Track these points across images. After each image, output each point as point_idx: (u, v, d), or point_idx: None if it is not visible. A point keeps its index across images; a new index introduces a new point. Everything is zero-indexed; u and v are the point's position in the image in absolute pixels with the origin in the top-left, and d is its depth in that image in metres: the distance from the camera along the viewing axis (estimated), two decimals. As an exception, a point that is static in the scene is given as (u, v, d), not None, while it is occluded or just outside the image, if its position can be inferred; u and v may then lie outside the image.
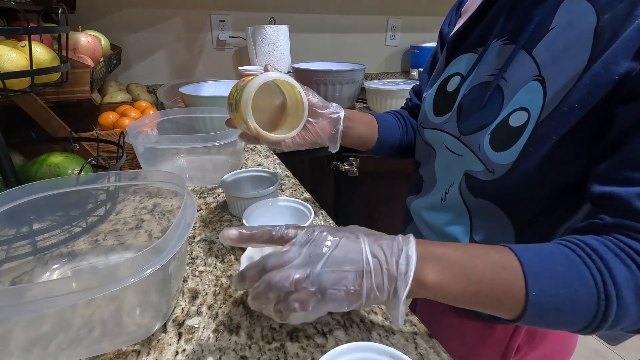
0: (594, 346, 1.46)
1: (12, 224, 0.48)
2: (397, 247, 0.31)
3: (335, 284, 0.30)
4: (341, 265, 0.30)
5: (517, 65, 0.41)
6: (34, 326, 0.37)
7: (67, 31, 0.61)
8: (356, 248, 0.31)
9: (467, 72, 0.49)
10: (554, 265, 0.31)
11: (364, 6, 1.69)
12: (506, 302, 0.31)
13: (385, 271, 0.30)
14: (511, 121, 0.40)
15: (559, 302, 0.30)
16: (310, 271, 0.30)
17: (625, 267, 0.29)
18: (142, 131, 0.76)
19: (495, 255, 0.32)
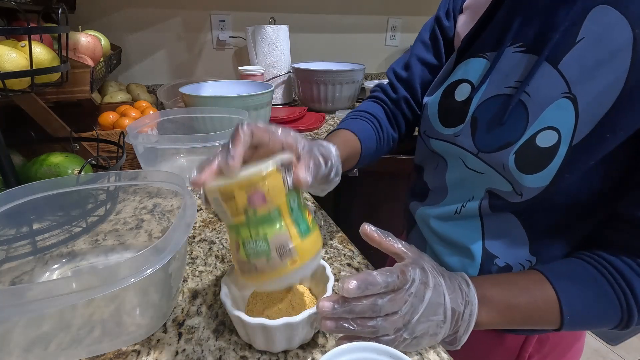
0: (594, 346, 1.46)
1: (12, 224, 0.48)
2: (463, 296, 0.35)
3: (423, 332, 0.33)
4: (430, 316, 0.33)
5: (542, 79, 0.38)
6: (34, 326, 0.37)
7: (67, 31, 0.61)
8: (439, 300, 0.34)
9: (479, 81, 0.44)
10: (584, 291, 0.36)
11: (364, 6, 1.69)
12: (545, 325, 0.37)
13: (456, 320, 0.35)
14: (539, 141, 0.37)
15: (588, 320, 0.37)
16: (409, 321, 0.33)
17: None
18: (142, 131, 0.76)
19: (535, 290, 0.37)
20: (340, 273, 0.51)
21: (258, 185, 0.30)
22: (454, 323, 0.34)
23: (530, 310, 0.36)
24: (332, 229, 0.62)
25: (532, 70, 0.38)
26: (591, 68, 0.34)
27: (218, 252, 0.55)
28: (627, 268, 0.35)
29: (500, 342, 0.52)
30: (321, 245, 0.35)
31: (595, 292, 0.36)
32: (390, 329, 0.32)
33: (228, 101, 0.91)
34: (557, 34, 0.37)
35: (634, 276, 0.35)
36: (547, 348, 0.51)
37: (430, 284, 0.34)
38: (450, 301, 0.34)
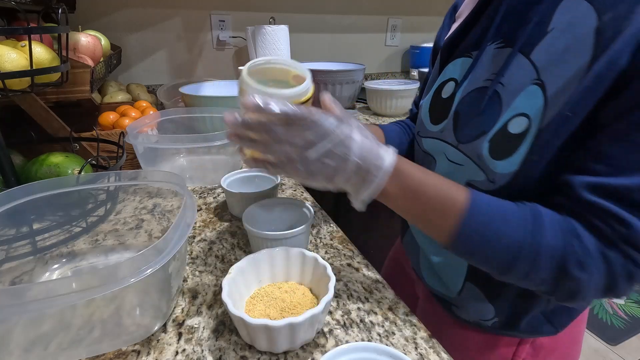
0: (594, 346, 1.46)
1: (12, 224, 0.48)
2: (375, 158, 0.36)
3: (318, 171, 0.36)
4: (325, 159, 0.35)
5: (515, 69, 0.39)
6: (34, 326, 0.37)
7: (67, 31, 0.61)
8: (342, 150, 0.35)
9: (462, 78, 0.46)
10: (499, 209, 0.36)
11: (364, 6, 1.69)
12: (446, 212, 0.36)
13: (361, 178, 0.36)
14: (510, 128, 0.38)
15: (489, 229, 0.35)
16: (305, 156, 0.35)
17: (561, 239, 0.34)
18: (142, 131, 0.76)
19: (449, 182, 0.38)
20: (340, 273, 0.51)
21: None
22: (358, 178, 0.36)
23: (437, 191, 0.37)
24: (332, 228, 0.62)
25: (507, 62, 0.40)
26: (559, 55, 0.36)
27: (218, 252, 0.55)
28: (547, 212, 0.36)
29: (493, 347, 0.52)
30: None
31: (510, 214, 0.36)
32: (282, 155, 0.36)
33: (228, 101, 0.91)
34: (530, 27, 0.39)
35: (545, 210, 0.35)
36: (542, 355, 0.51)
37: (338, 132, 0.35)
38: (356, 156, 0.35)
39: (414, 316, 0.44)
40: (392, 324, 0.43)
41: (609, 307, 1.65)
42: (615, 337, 1.50)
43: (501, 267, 0.36)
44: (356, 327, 0.42)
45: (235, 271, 0.41)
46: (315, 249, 0.56)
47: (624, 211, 0.32)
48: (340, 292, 0.48)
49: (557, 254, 0.34)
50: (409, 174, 0.37)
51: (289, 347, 0.38)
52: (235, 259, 0.54)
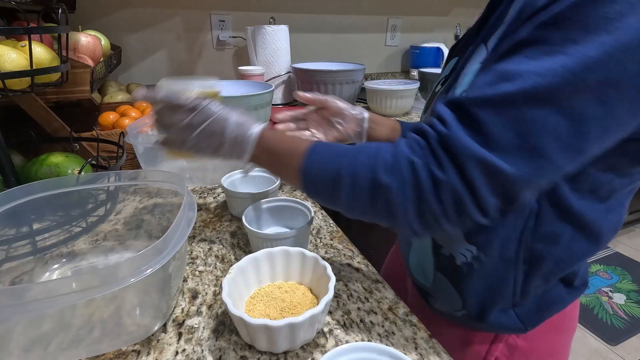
0: (594, 346, 1.46)
1: (12, 224, 0.48)
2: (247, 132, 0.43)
3: (204, 147, 0.44)
4: (207, 138, 0.43)
5: (476, 57, 0.42)
6: (34, 326, 0.37)
7: (67, 31, 0.61)
8: (217, 129, 0.43)
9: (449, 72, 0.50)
10: (337, 148, 0.39)
11: (364, 6, 1.69)
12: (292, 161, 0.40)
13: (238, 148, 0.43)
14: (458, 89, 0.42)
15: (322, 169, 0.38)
16: (189, 136, 0.43)
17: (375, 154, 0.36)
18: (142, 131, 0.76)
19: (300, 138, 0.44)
20: (340, 273, 0.51)
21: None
22: (236, 148, 0.43)
23: (285, 144, 0.42)
24: (332, 229, 0.62)
25: (472, 52, 0.43)
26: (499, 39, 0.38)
27: (218, 252, 0.55)
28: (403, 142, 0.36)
29: (469, 343, 0.52)
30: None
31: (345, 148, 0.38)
32: (173, 137, 0.45)
33: (228, 101, 0.90)
34: (491, 22, 0.42)
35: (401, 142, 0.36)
36: (516, 356, 0.50)
37: (215, 117, 0.44)
38: (232, 131, 0.43)
39: (414, 316, 0.44)
40: (392, 324, 0.43)
41: (609, 307, 1.65)
42: (615, 337, 1.50)
43: (335, 199, 0.38)
44: (356, 327, 0.42)
45: (235, 271, 0.42)
46: (315, 249, 0.56)
47: (451, 115, 0.33)
48: (340, 292, 0.48)
49: (369, 166, 0.35)
50: (268, 138, 0.43)
51: (289, 347, 0.38)
52: (235, 259, 0.54)
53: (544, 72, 0.30)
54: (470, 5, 1.89)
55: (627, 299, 1.71)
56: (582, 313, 1.61)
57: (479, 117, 0.31)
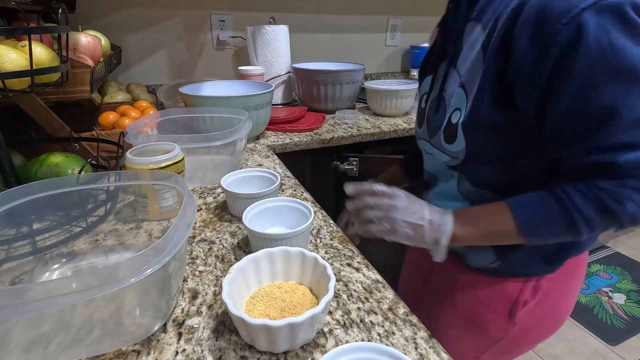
0: (594, 346, 1.46)
1: (12, 224, 0.48)
2: (439, 215, 0.50)
3: (400, 228, 0.50)
4: (406, 217, 0.49)
5: (451, 79, 0.54)
6: (34, 326, 0.37)
7: (67, 31, 0.61)
8: (415, 209, 0.50)
9: (429, 90, 0.61)
10: (534, 206, 0.46)
11: (364, 6, 1.69)
12: (505, 230, 0.47)
13: (435, 229, 0.49)
14: (452, 119, 0.53)
15: (540, 225, 0.46)
16: (389, 215, 0.50)
17: (585, 197, 0.42)
18: (142, 131, 0.76)
19: (492, 206, 0.49)
20: (340, 273, 0.51)
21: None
22: (431, 230, 0.49)
23: (489, 225, 0.49)
24: (332, 229, 0.62)
25: (446, 75, 0.56)
26: (469, 65, 0.50)
27: (218, 252, 0.55)
28: (568, 186, 0.44)
29: (501, 289, 0.60)
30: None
31: (543, 204, 0.45)
32: (374, 217, 0.51)
33: (228, 101, 0.91)
34: (453, 45, 0.54)
35: (575, 191, 0.43)
36: (540, 295, 0.59)
37: (412, 200, 0.51)
38: (428, 214, 0.50)
39: (414, 316, 0.44)
40: (392, 324, 0.43)
41: (609, 307, 1.65)
42: (615, 337, 1.50)
43: (571, 238, 0.46)
44: (356, 327, 0.42)
45: (235, 271, 0.42)
46: (315, 249, 0.56)
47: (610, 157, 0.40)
48: (340, 292, 0.48)
49: (596, 207, 0.42)
50: (465, 226, 0.50)
51: (289, 347, 0.38)
52: (235, 259, 0.54)
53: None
54: (470, 5, 1.89)
55: (627, 299, 1.71)
56: (582, 313, 1.61)
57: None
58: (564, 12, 0.38)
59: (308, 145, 1.07)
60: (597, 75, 0.38)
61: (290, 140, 1.06)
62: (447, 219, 0.49)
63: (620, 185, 0.40)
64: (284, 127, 1.13)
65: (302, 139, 1.06)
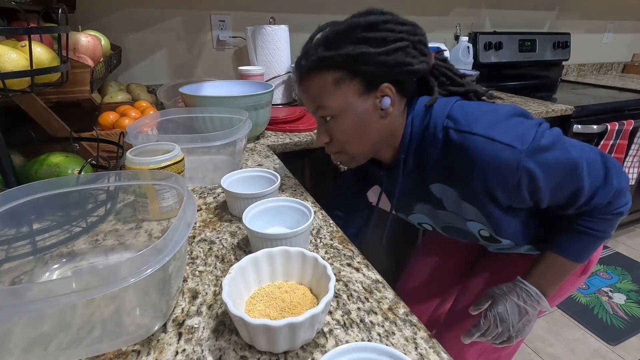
0: (594, 346, 1.46)
1: (12, 224, 0.48)
2: (526, 293, 0.64)
3: (520, 328, 0.64)
4: (519, 320, 0.64)
5: (447, 216, 0.67)
6: (34, 326, 0.37)
7: (67, 31, 0.61)
8: (515, 310, 0.64)
9: (428, 221, 0.73)
10: (571, 243, 0.62)
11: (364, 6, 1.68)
12: (569, 269, 0.63)
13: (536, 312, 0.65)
14: (482, 234, 0.67)
15: (581, 251, 0.62)
16: (510, 332, 0.65)
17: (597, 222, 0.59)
18: (142, 131, 0.76)
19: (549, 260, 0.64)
20: (340, 273, 0.51)
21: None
22: (534, 302, 0.63)
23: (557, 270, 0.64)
24: (332, 229, 0.62)
25: (435, 215, 0.70)
26: (457, 207, 0.62)
27: (218, 252, 0.55)
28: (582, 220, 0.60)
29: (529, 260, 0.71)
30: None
31: (574, 238, 0.62)
32: (499, 340, 0.66)
33: (228, 101, 0.91)
34: (424, 199, 0.66)
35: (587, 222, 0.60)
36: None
37: (507, 306, 0.64)
38: (522, 302, 0.63)
39: (413, 316, 0.44)
40: (392, 324, 0.43)
41: (609, 307, 1.65)
42: (615, 337, 1.50)
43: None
44: (356, 327, 0.42)
45: (235, 271, 0.42)
46: (315, 249, 0.56)
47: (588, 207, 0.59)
48: (340, 292, 0.48)
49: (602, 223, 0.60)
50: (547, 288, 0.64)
51: (289, 347, 0.38)
52: (235, 259, 0.54)
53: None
54: (470, 5, 1.90)
55: (627, 299, 1.71)
56: (582, 313, 1.61)
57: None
58: (512, 170, 0.51)
59: (308, 145, 1.07)
60: (556, 180, 0.53)
61: (290, 140, 1.06)
62: (538, 296, 0.64)
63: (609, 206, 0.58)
64: (284, 127, 1.13)
65: (302, 139, 1.06)
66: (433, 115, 0.56)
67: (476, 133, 0.52)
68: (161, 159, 0.60)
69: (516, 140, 0.50)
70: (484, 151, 0.51)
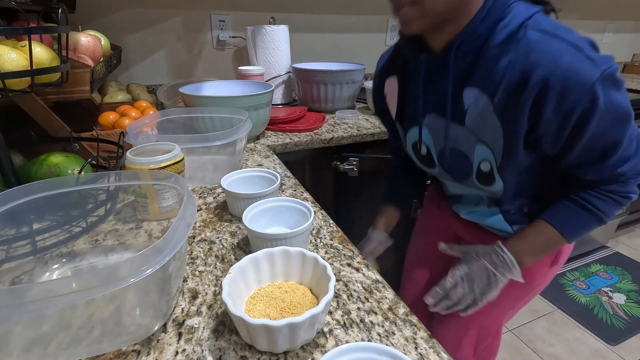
0: (594, 346, 1.46)
1: (12, 224, 0.48)
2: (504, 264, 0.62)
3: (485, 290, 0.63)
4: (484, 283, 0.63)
5: (459, 134, 0.60)
6: (34, 326, 0.37)
7: (67, 31, 0.61)
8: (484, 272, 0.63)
9: (427, 141, 0.66)
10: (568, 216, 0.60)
11: (364, 6, 1.69)
12: (558, 242, 0.62)
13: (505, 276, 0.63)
14: (482, 168, 0.60)
15: (577, 229, 0.60)
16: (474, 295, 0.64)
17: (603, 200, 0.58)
18: (142, 131, 0.76)
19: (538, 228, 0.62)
20: (340, 273, 0.51)
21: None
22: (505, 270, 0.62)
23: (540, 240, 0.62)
24: (332, 229, 0.62)
25: (448, 128, 0.61)
26: (482, 124, 0.56)
27: (218, 252, 0.55)
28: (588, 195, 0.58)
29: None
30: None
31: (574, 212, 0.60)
32: (464, 303, 0.64)
33: (228, 101, 0.91)
34: (450, 104, 0.58)
35: (593, 198, 0.58)
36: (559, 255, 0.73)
37: (476, 269, 0.63)
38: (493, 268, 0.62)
39: (413, 316, 0.44)
40: (392, 324, 0.43)
41: (609, 307, 1.65)
42: (615, 337, 1.50)
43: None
44: (356, 327, 0.42)
45: (235, 271, 0.42)
46: (315, 249, 0.56)
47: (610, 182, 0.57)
48: (340, 292, 0.48)
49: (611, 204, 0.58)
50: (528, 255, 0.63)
51: (289, 347, 0.38)
52: (235, 259, 0.54)
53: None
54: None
55: (627, 299, 1.71)
56: (582, 313, 1.61)
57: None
58: (581, 86, 0.47)
59: (308, 145, 1.07)
60: (605, 123, 0.50)
61: (290, 140, 1.06)
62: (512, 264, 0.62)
63: (624, 185, 0.57)
64: (284, 127, 1.13)
65: (302, 139, 1.06)
66: (515, 10, 0.51)
67: (561, 37, 0.48)
68: (161, 159, 0.60)
69: (600, 59, 0.47)
70: (563, 56, 0.47)
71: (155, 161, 0.59)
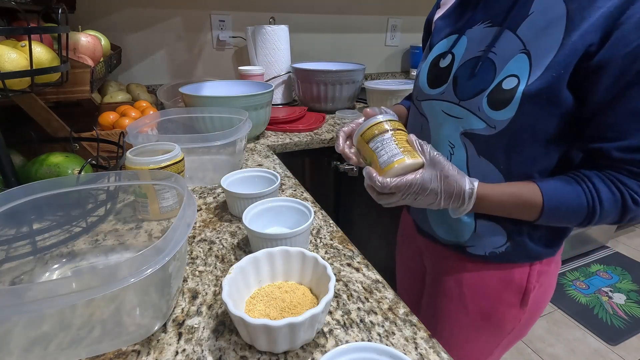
0: (594, 346, 1.46)
1: (12, 224, 0.48)
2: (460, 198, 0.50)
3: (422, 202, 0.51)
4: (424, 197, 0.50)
5: (505, 42, 0.51)
6: (34, 326, 0.37)
7: (67, 31, 0.61)
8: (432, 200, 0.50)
9: (459, 50, 0.58)
10: (560, 184, 0.50)
11: (364, 6, 1.69)
12: (531, 202, 0.50)
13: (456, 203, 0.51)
14: (504, 85, 0.50)
15: (561, 208, 0.50)
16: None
17: (610, 191, 0.47)
18: (142, 131, 0.76)
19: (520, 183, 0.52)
20: (340, 273, 0.51)
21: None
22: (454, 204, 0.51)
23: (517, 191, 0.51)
24: (332, 229, 0.62)
25: (496, 37, 0.52)
26: (540, 30, 0.48)
27: (218, 252, 0.55)
28: (595, 176, 0.49)
29: (510, 279, 0.62)
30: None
31: (568, 187, 0.50)
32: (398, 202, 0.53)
33: (228, 101, 0.91)
34: (514, 10, 0.51)
35: (599, 181, 0.48)
36: (542, 277, 0.63)
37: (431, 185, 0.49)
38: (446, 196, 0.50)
39: (414, 316, 0.44)
40: (392, 324, 0.43)
41: (609, 307, 1.65)
42: (615, 337, 1.50)
43: (578, 225, 0.52)
44: (356, 327, 0.42)
45: (235, 271, 0.42)
46: (315, 249, 0.56)
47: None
48: (340, 292, 0.48)
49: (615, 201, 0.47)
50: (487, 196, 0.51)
51: (289, 347, 0.38)
52: (235, 259, 0.54)
53: None
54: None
55: (627, 299, 1.71)
56: (582, 313, 1.61)
57: None
58: None
59: (308, 145, 1.07)
60: None
61: (290, 140, 1.06)
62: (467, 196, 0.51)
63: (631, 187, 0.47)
64: (284, 127, 1.13)
65: (302, 139, 1.06)
66: None
67: None
68: (161, 159, 0.60)
69: None
70: None
71: (155, 161, 0.59)
